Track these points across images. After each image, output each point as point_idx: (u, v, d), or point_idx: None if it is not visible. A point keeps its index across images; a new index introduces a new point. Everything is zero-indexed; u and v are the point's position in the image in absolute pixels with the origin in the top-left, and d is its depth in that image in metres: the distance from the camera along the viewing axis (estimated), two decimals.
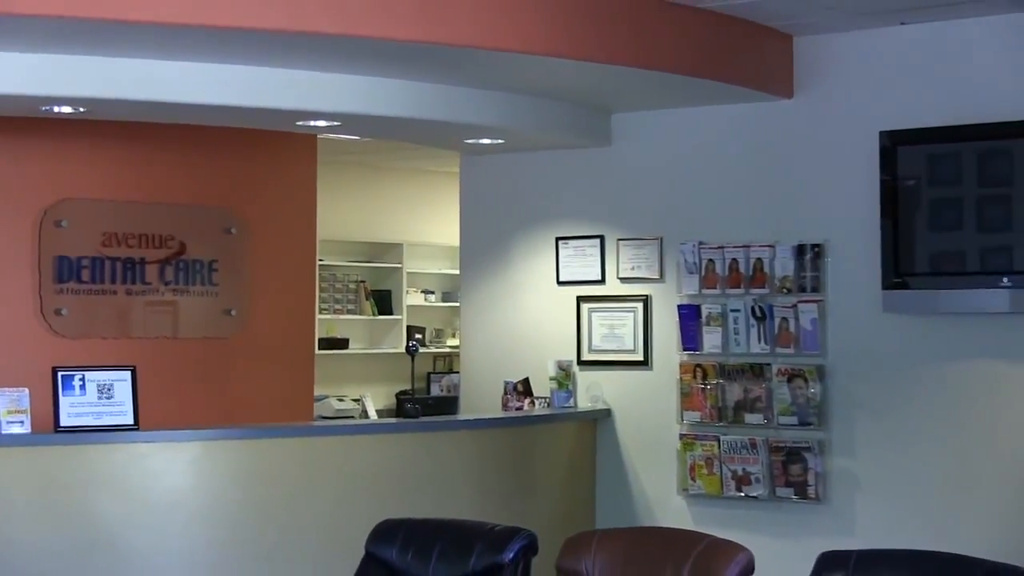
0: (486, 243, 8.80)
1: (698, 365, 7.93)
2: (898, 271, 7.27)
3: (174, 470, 6.74)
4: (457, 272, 9.38)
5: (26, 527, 6.40)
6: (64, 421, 6.50)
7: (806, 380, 7.63)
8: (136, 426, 6.65)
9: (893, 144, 7.29)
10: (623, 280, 8.28)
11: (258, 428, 7.23)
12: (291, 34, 6.01)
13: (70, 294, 8.56)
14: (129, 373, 6.69)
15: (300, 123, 7.64)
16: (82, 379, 6.57)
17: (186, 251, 8.99)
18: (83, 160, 8.57)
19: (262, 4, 5.87)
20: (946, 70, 7.33)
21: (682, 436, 7.98)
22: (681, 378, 7.98)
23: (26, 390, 6.50)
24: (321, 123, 7.62)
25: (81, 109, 7.06)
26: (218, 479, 6.83)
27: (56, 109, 7.01)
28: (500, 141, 8.20)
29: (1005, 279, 7.01)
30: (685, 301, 8.01)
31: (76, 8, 5.57)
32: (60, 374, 6.55)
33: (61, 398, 6.51)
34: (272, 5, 5.88)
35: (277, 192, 9.47)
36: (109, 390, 6.62)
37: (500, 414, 8.20)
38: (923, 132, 7.25)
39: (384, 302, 12.30)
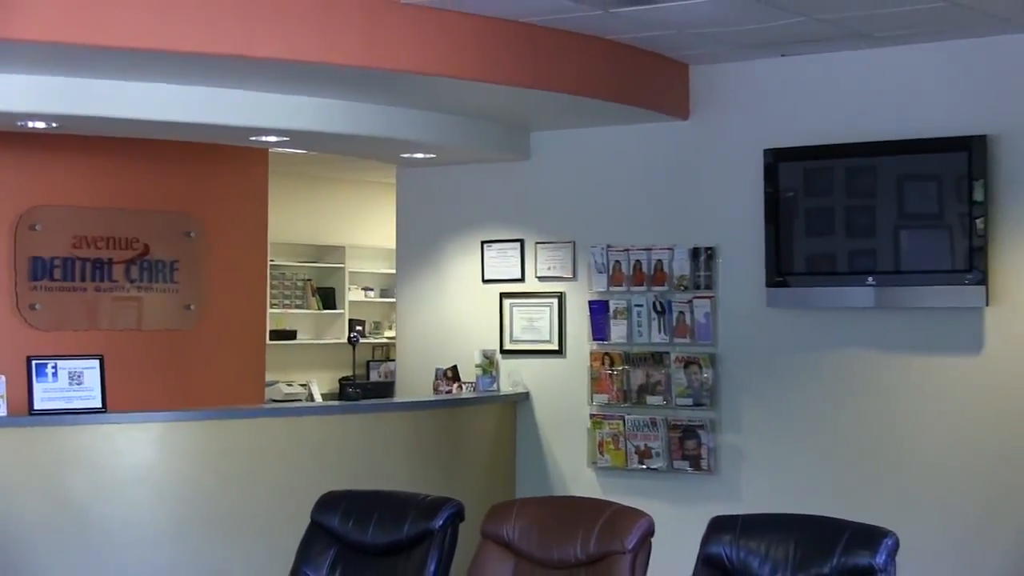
0: (419, 245, 8.79)
1: (606, 353, 7.98)
2: (779, 271, 7.34)
3: (138, 449, 6.70)
4: (394, 271, 9.37)
5: (3, 500, 6.34)
6: (38, 405, 6.44)
7: (700, 366, 7.69)
8: (104, 409, 6.59)
9: (775, 160, 7.36)
10: (540, 279, 8.31)
11: (215, 410, 7.18)
12: (246, 59, 5.99)
13: (43, 291, 8.47)
14: (97, 361, 6.62)
15: (253, 138, 7.60)
16: (54, 367, 6.50)
17: (149, 252, 8.92)
18: (55, 170, 8.48)
19: (220, 32, 5.84)
20: (820, 96, 7.41)
21: (592, 416, 8.02)
22: (591, 365, 8.02)
23: (3, 377, 6.45)
24: (272, 138, 7.59)
25: (54, 124, 7.00)
26: (178, 456, 6.80)
27: (31, 124, 6.93)
28: (432, 155, 8.20)
29: (870, 278, 7.10)
30: (595, 297, 8.05)
31: (51, 34, 5.53)
32: (34, 363, 6.47)
33: (35, 384, 6.44)
34: (229, 33, 5.86)
35: (232, 199, 9.41)
36: (79, 377, 6.55)
37: (432, 397, 8.20)
38: (801, 150, 7.32)
39: (328, 298, 12.26)
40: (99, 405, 6.58)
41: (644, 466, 7.84)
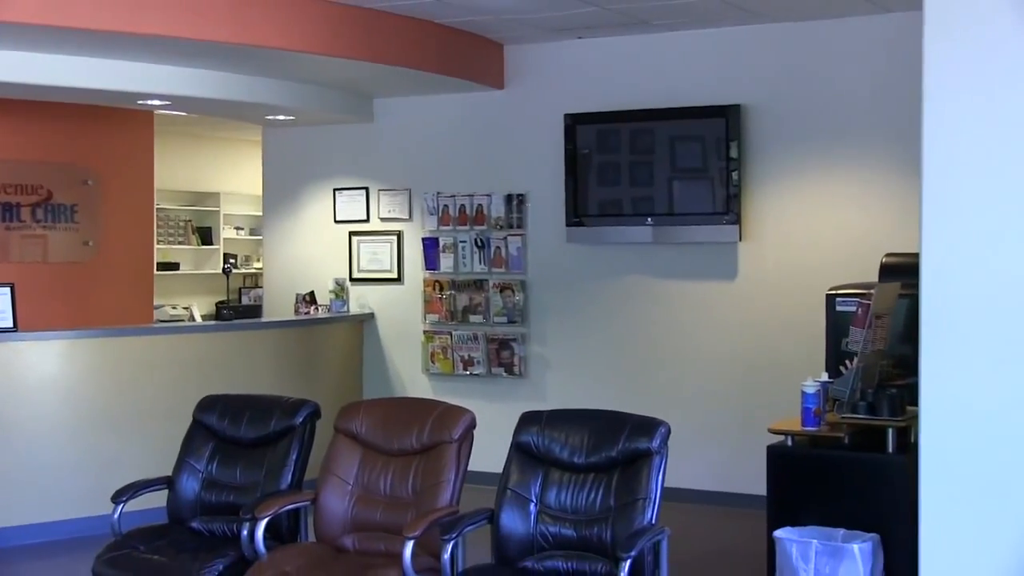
0: (282, 192, 8.65)
1: (436, 281, 7.98)
2: (576, 213, 7.42)
3: (46, 361, 6.52)
4: (260, 213, 9.20)
5: None
6: None
7: (513, 291, 7.75)
8: (15, 329, 6.41)
9: (573, 123, 7.41)
10: (383, 219, 8.25)
11: (111, 329, 7.00)
12: (134, 35, 5.82)
13: None
14: (9, 289, 6.44)
15: (140, 102, 7.37)
16: None
17: (53, 197, 8.63)
18: None
19: (112, 12, 5.66)
20: (610, 72, 7.47)
21: (425, 332, 8.03)
22: (424, 290, 8.02)
23: None
24: (156, 102, 7.37)
25: None
26: (80, 368, 6.63)
27: None
28: (292, 118, 8.06)
29: (649, 219, 7.22)
30: (427, 235, 8.03)
31: None
32: None
33: None
34: (119, 13, 5.69)
35: (123, 153, 9.14)
36: None
37: (293, 317, 8.11)
38: (594, 115, 7.38)
39: (206, 235, 11.99)
40: (11, 325, 6.40)
41: (468, 372, 7.89)
